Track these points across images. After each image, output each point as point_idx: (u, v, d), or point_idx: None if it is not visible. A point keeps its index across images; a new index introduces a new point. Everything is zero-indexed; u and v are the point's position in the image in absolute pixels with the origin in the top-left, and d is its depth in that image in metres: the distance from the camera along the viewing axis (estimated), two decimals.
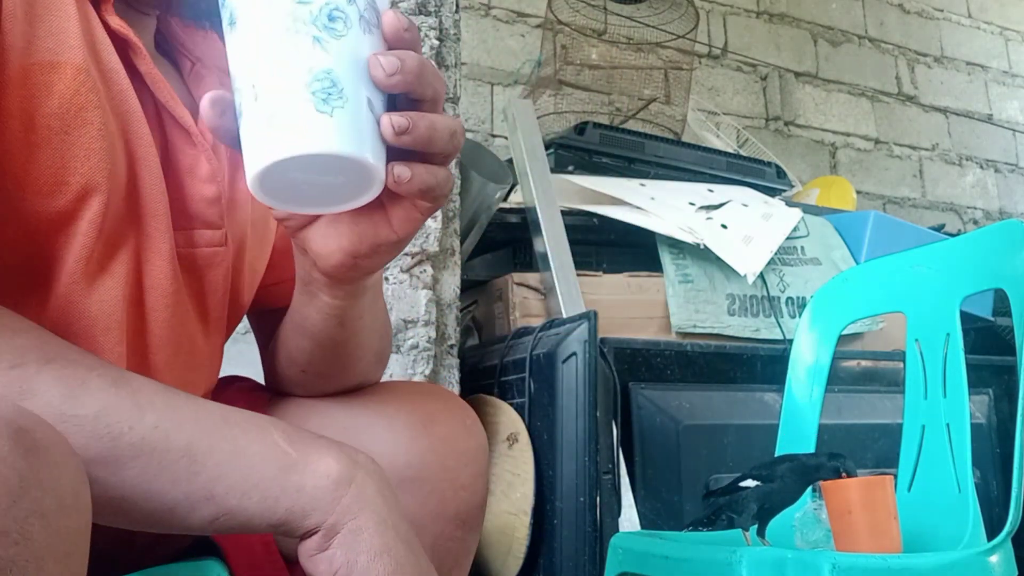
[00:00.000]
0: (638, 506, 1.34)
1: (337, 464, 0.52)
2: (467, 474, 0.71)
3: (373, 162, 0.46)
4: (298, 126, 0.44)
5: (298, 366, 0.72)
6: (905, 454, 1.11)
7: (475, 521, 0.72)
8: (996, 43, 3.68)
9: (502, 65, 2.57)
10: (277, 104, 0.44)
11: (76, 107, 0.52)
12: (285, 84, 0.44)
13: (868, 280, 1.27)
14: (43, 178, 0.52)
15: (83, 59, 0.53)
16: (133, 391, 0.50)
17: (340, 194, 0.49)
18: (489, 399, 1.49)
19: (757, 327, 1.67)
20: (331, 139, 0.44)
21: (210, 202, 0.63)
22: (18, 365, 0.47)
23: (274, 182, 0.46)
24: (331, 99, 0.44)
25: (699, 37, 2.38)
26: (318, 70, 0.44)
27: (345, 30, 0.45)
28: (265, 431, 0.53)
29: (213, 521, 0.50)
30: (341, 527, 0.50)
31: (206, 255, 0.64)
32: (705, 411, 1.45)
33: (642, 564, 1.04)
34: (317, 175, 0.46)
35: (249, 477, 0.50)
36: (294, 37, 0.44)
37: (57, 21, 0.53)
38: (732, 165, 2.05)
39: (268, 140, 0.45)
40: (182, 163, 0.62)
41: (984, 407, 1.68)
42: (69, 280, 0.55)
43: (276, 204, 0.49)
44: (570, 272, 1.57)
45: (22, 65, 0.51)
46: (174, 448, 0.49)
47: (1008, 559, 0.88)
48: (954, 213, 3.33)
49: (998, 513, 1.45)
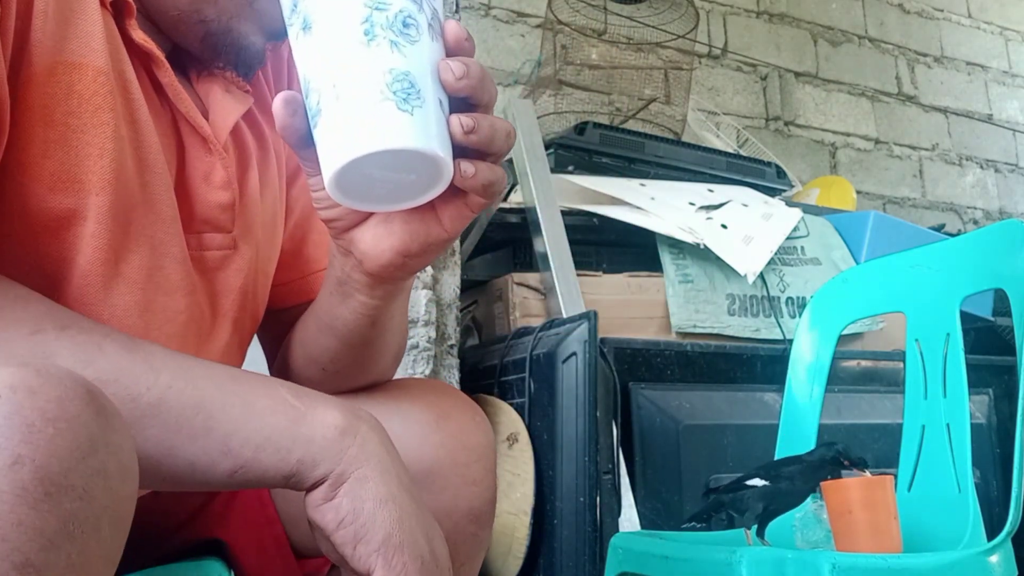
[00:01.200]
0: (638, 506, 1.34)
1: (342, 416, 0.54)
2: (478, 469, 0.72)
3: (446, 158, 0.49)
4: (383, 123, 0.47)
5: (319, 365, 0.73)
6: (905, 454, 1.11)
7: (486, 517, 0.73)
8: (996, 43, 3.68)
9: (502, 65, 2.57)
10: (361, 103, 0.47)
11: (93, 107, 0.54)
12: (368, 85, 0.47)
13: (868, 280, 1.27)
14: (57, 174, 0.53)
15: (104, 63, 0.55)
16: (146, 354, 0.51)
17: (408, 191, 0.52)
18: (489, 399, 1.49)
19: (757, 327, 1.67)
20: (413, 136, 0.47)
21: (223, 207, 0.65)
22: (38, 331, 0.48)
23: (351, 179, 0.49)
24: (410, 99, 0.47)
25: (699, 37, 2.38)
26: (398, 72, 0.47)
27: (418, 36, 0.49)
28: (272, 387, 0.54)
29: (232, 474, 0.52)
30: (347, 476, 0.52)
31: (217, 258, 0.66)
32: (705, 411, 1.45)
33: (642, 564, 1.04)
34: (392, 172, 0.50)
35: (262, 430, 0.52)
36: (373, 41, 0.47)
37: (84, 25, 0.54)
38: (732, 165, 2.05)
39: (353, 137, 0.47)
40: (198, 169, 0.64)
41: (984, 407, 1.68)
42: (82, 283, 0.56)
43: (348, 201, 0.51)
44: (570, 272, 1.57)
45: (48, 63, 0.53)
46: (189, 405, 0.50)
47: (1008, 559, 0.88)
48: (954, 213, 3.33)
49: (998, 513, 1.45)
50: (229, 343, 0.69)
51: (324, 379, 0.74)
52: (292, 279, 0.79)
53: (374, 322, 0.66)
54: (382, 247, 0.57)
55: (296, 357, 0.75)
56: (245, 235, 0.68)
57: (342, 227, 0.57)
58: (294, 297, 0.78)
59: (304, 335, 0.74)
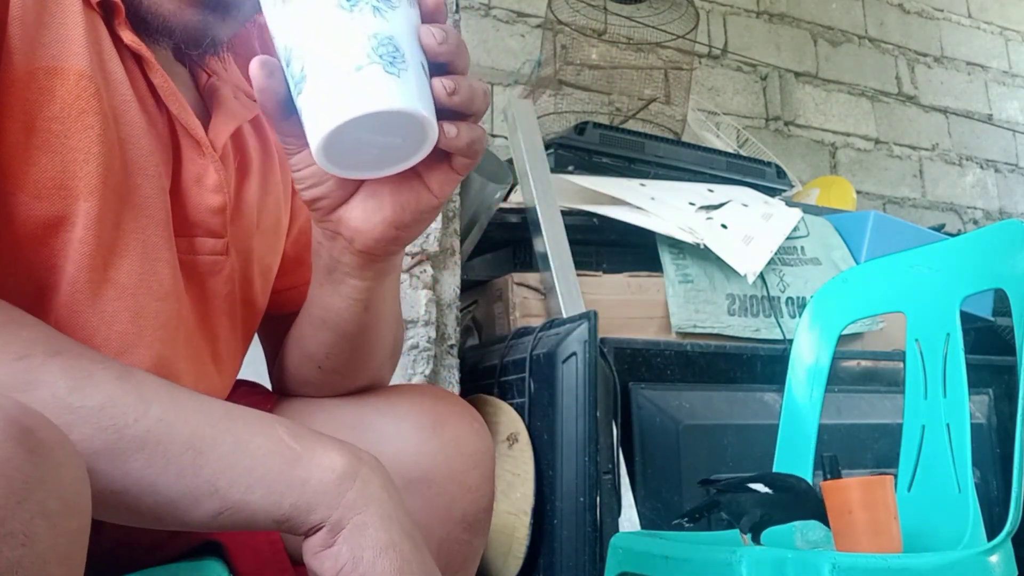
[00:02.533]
0: (638, 506, 1.34)
1: (341, 459, 0.52)
2: (475, 476, 0.71)
3: (431, 119, 0.50)
4: (371, 86, 0.47)
5: (315, 362, 0.71)
6: (905, 454, 1.11)
7: (482, 524, 0.72)
8: (996, 43, 3.68)
9: (502, 65, 2.57)
10: (348, 67, 0.47)
11: (77, 111, 0.53)
12: (354, 49, 0.47)
13: (868, 280, 1.26)
14: (42, 180, 0.52)
15: (86, 66, 0.54)
16: (137, 384, 0.50)
17: (394, 156, 0.52)
18: (489, 399, 1.49)
19: (757, 327, 1.67)
20: (401, 98, 0.48)
21: (214, 211, 0.64)
22: (25, 356, 0.47)
23: (339, 145, 0.49)
24: (396, 62, 0.48)
25: (699, 37, 2.38)
26: (382, 36, 0.48)
27: (398, 2, 0.49)
28: (269, 426, 0.52)
29: (217, 516, 0.50)
30: (346, 522, 0.50)
31: (207, 263, 0.64)
32: (705, 411, 1.45)
33: (642, 564, 1.04)
34: (379, 135, 0.50)
35: (253, 471, 0.50)
36: (356, 7, 0.48)
37: (63, 29, 0.53)
38: (732, 165, 2.05)
39: (342, 100, 0.47)
40: (190, 172, 0.63)
41: (984, 407, 1.68)
42: (71, 289, 0.55)
43: (336, 169, 0.51)
44: (570, 272, 1.57)
45: (26, 69, 0.52)
46: (178, 441, 0.49)
47: (1008, 559, 0.88)
48: (954, 213, 3.33)
49: (998, 513, 1.45)
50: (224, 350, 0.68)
51: (321, 378, 0.73)
52: (294, 285, 0.79)
53: (367, 306, 0.65)
54: (373, 221, 0.56)
55: (292, 358, 0.74)
56: (239, 241, 0.67)
57: (329, 206, 0.56)
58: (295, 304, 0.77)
59: (299, 334, 0.72)
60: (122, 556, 0.67)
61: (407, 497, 0.66)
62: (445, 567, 0.69)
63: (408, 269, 1.44)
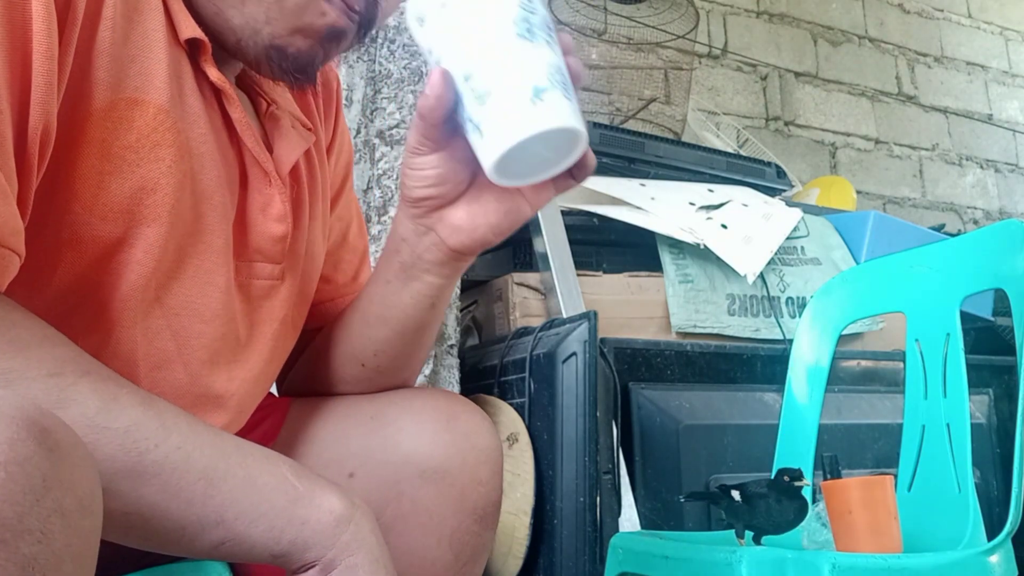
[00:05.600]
0: (638, 506, 1.34)
1: (339, 502, 0.55)
2: (486, 470, 0.73)
3: (586, 136, 0.57)
4: (552, 106, 0.54)
5: (359, 360, 0.75)
6: (905, 454, 1.11)
7: (492, 518, 0.75)
8: (996, 43, 3.68)
9: None
10: (532, 88, 0.54)
11: (152, 143, 0.55)
12: (537, 73, 0.55)
13: (868, 280, 1.26)
14: (110, 204, 0.54)
15: (166, 100, 0.56)
16: (159, 412, 0.51)
17: (542, 167, 0.59)
18: (489, 399, 1.49)
19: (757, 327, 1.67)
20: (573, 117, 0.55)
21: (276, 240, 0.67)
22: (56, 374, 0.48)
23: (512, 155, 0.55)
24: (567, 88, 0.56)
25: (699, 37, 2.38)
26: (555, 64, 0.56)
27: (552, 37, 0.58)
28: (275, 463, 0.55)
29: (219, 546, 0.52)
30: (338, 563, 0.53)
31: (264, 287, 0.67)
32: (705, 411, 1.45)
33: (642, 564, 1.04)
34: (542, 149, 0.57)
35: (259, 505, 0.52)
36: (535, 39, 0.56)
37: (147, 63, 0.56)
38: (732, 165, 2.05)
39: (528, 116, 0.54)
40: (256, 201, 0.65)
41: (984, 407, 1.68)
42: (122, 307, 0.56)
43: (501, 178, 0.57)
44: (570, 272, 1.57)
45: (110, 99, 0.54)
46: (193, 470, 0.51)
47: (1008, 559, 0.88)
48: (954, 213, 3.33)
49: (998, 513, 1.45)
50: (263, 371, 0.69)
51: (361, 376, 0.76)
52: (318, 302, 0.81)
53: (434, 303, 0.69)
54: (476, 223, 0.62)
55: (333, 356, 0.77)
56: (292, 267, 0.70)
57: (436, 205, 0.62)
58: (315, 320, 0.80)
59: (345, 332, 0.76)
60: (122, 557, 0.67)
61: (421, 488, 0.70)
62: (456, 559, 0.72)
63: None
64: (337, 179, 0.83)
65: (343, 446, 0.74)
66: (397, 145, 1.50)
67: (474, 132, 0.56)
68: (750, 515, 1.03)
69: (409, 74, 1.52)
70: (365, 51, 1.52)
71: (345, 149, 0.84)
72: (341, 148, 0.83)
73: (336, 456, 0.74)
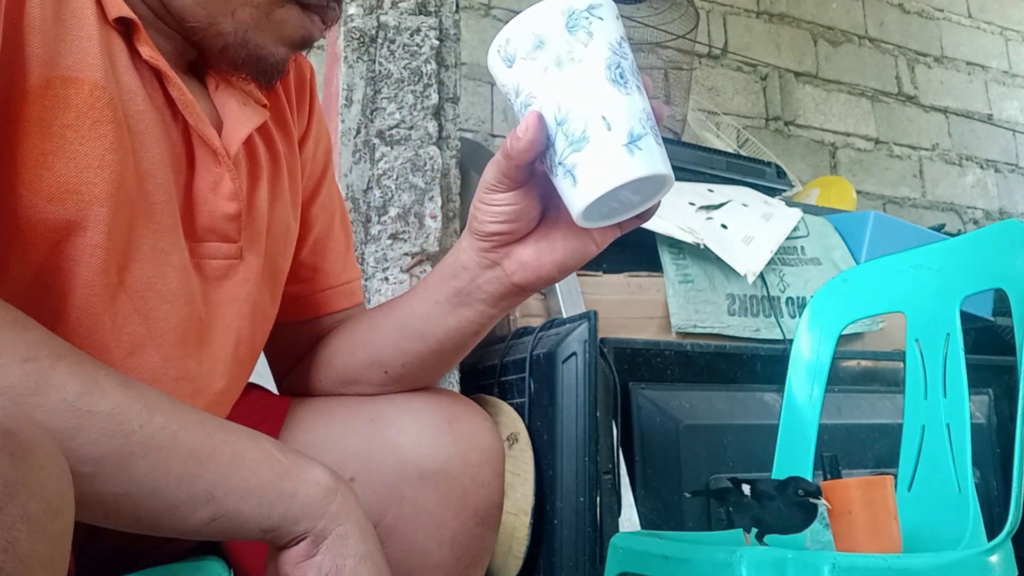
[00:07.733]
0: (638, 506, 1.34)
1: (325, 475, 0.56)
2: (487, 472, 0.73)
3: (673, 180, 0.57)
4: (648, 153, 0.55)
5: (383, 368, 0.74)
6: (905, 454, 1.11)
7: (493, 520, 0.74)
8: (996, 43, 3.68)
9: None
10: (629, 136, 0.55)
11: (91, 120, 0.55)
12: (634, 120, 0.55)
13: (868, 280, 1.26)
14: (56, 185, 0.54)
15: (101, 77, 0.56)
16: (141, 393, 0.51)
17: (625, 209, 0.59)
18: (489, 399, 1.49)
19: (757, 327, 1.67)
20: (664, 163, 0.56)
21: (230, 218, 0.66)
22: (32, 359, 0.47)
23: (606, 198, 0.55)
24: (656, 133, 0.56)
25: (699, 37, 2.38)
26: (646, 111, 0.56)
27: (639, 80, 0.57)
28: (259, 440, 0.55)
29: (211, 523, 0.52)
30: (329, 532, 0.54)
31: (221, 267, 0.66)
32: (705, 411, 1.45)
33: (642, 564, 1.04)
34: (631, 193, 0.57)
35: (248, 481, 0.52)
36: (628, 84, 0.56)
37: (79, 41, 0.55)
38: (732, 165, 2.05)
39: (625, 164, 0.54)
40: (206, 180, 0.64)
41: (984, 407, 1.68)
42: (87, 292, 0.56)
43: (587, 220, 0.58)
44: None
45: (44, 77, 0.53)
46: (181, 449, 0.51)
47: (1008, 559, 0.88)
48: (954, 213, 3.33)
49: (998, 513, 1.45)
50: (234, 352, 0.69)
51: (380, 381, 0.75)
52: (310, 293, 0.81)
53: (478, 330, 0.69)
54: (543, 260, 0.62)
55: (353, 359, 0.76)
56: (252, 246, 0.69)
57: (505, 240, 0.62)
58: (309, 311, 0.80)
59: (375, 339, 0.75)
60: (122, 558, 0.68)
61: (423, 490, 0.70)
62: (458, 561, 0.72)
63: (408, 269, 1.45)
64: (317, 167, 0.82)
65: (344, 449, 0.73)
66: (397, 145, 1.50)
67: (565, 176, 0.56)
68: (759, 512, 1.03)
69: (409, 74, 1.52)
70: (365, 51, 1.52)
71: (323, 137, 0.83)
72: (319, 136, 0.82)
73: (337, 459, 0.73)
